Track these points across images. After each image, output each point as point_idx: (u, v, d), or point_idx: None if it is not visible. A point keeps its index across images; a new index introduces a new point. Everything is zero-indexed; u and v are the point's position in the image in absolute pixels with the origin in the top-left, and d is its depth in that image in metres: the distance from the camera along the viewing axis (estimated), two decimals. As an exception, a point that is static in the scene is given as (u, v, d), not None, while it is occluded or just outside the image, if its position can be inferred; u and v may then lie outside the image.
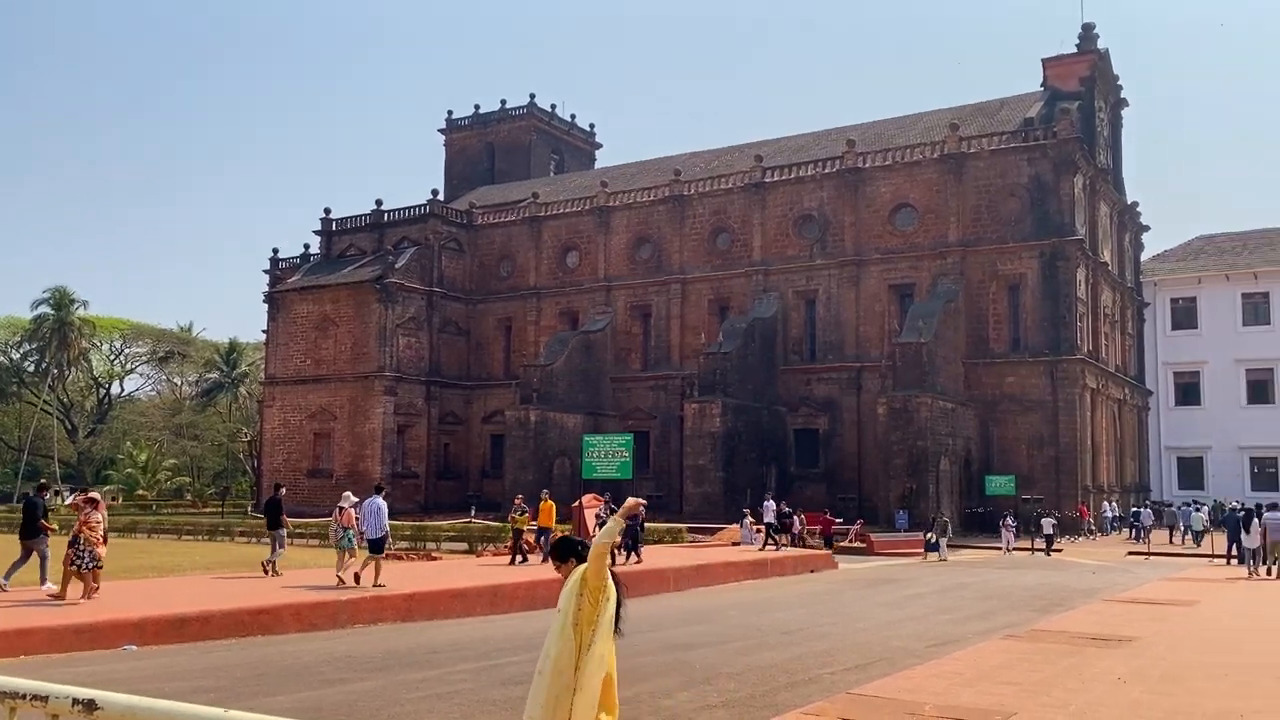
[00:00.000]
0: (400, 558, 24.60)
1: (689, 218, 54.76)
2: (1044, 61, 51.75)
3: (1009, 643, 13.33)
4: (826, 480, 48.28)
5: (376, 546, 18.17)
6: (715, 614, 17.65)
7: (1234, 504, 42.35)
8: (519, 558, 22.60)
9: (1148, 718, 8.81)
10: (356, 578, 17.80)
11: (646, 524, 33.18)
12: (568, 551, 5.65)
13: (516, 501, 22.98)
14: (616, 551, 22.81)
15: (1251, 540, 25.41)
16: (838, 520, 37.64)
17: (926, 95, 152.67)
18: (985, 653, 12.50)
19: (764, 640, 14.43)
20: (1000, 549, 35.07)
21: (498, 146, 76.62)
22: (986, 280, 46.59)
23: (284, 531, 20.36)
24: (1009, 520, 36.01)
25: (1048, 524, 35.40)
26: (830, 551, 30.50)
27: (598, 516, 23.21)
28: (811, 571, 26.62)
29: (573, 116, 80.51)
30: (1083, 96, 49.78)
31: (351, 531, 18.38)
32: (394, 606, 16.38)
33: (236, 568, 22.03)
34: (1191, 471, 57.20)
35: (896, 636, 15.05)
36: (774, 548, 29.08)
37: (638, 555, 22.67)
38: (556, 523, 24.25)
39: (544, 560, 21.28)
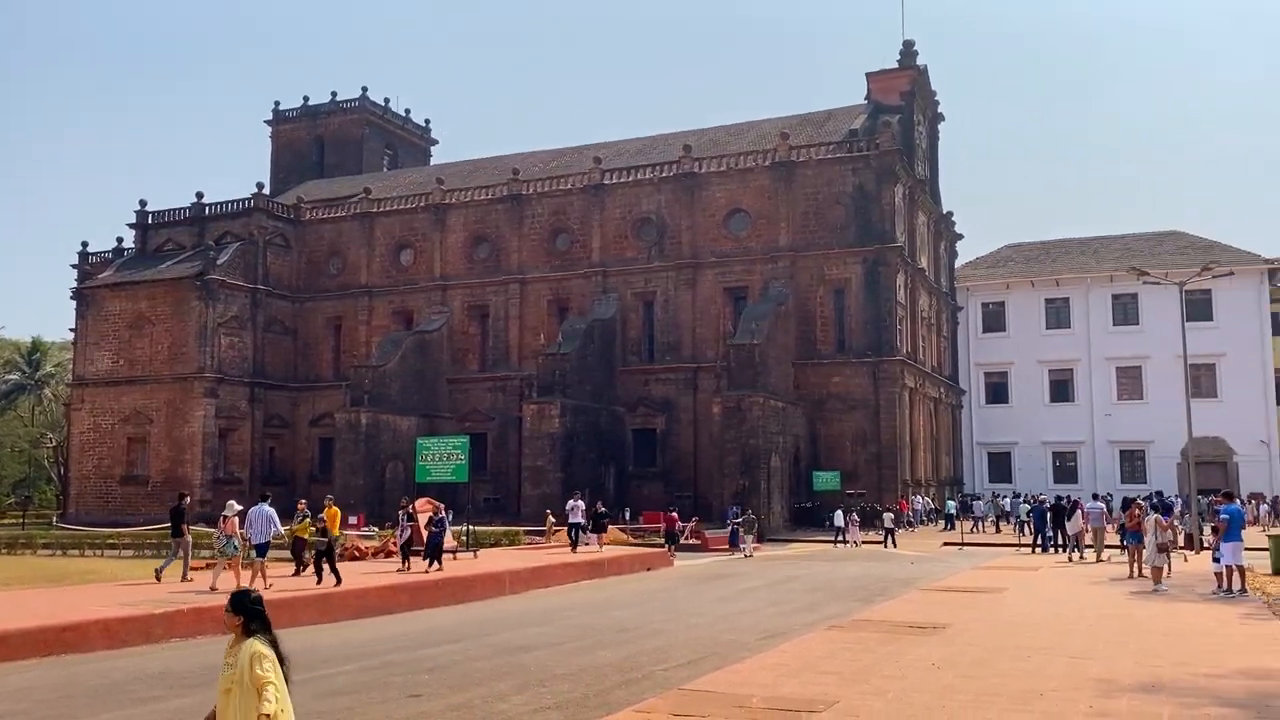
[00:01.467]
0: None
1: (528, 217, 54.52)
2: (868, 75, 54.09)
3: (833, 633, 13.86)
4: (664, 479, 48.99)
5: (261, 550, 18.88)
6: (551, 615, 17.63)
7: (1041, 496, 45.44)
8: (300, 568, 20.77)
9: (958, 701, 9.32)
10: (213, 588, 17.82)
11: (482, 526, 32.98)
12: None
13: (300, 507, 21.34)
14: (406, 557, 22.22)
15: (1074, 527, 28.74)
16: (678, 519, 38.07)
17: (758, 104, 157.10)
18: (810, 644, 12.96)
19: (600, 640, 14.50)
20: (845, 542, 36.37)
21: (328, 140, 74.18)
22: (815, 284, 48.33)
23: (188, 539, 20.46)
24: (853, 515, 37.46)
25: (888, 518, 37.11)
26: (669, 549, 30.88)
27: (431, 521, 22.51)
28: (648, 570, 26.93)
29: (407, 111, 78.82)
30: (903, 110, 52.30)
31: (235, 539, 18.57)
32: (214, 619, 15.60)
33: (36, 583, 20.54)
34: (1000, 465, 60.94)
35: (729, 631, 15.41)
36: (594, 546, 28.78)
37: (438, 563, 21.58)
38: (384, 528, 23.52)
39: (304, 570, 20.44)
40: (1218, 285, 53.60)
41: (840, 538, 36.78)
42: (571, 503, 30.14)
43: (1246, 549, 19.16)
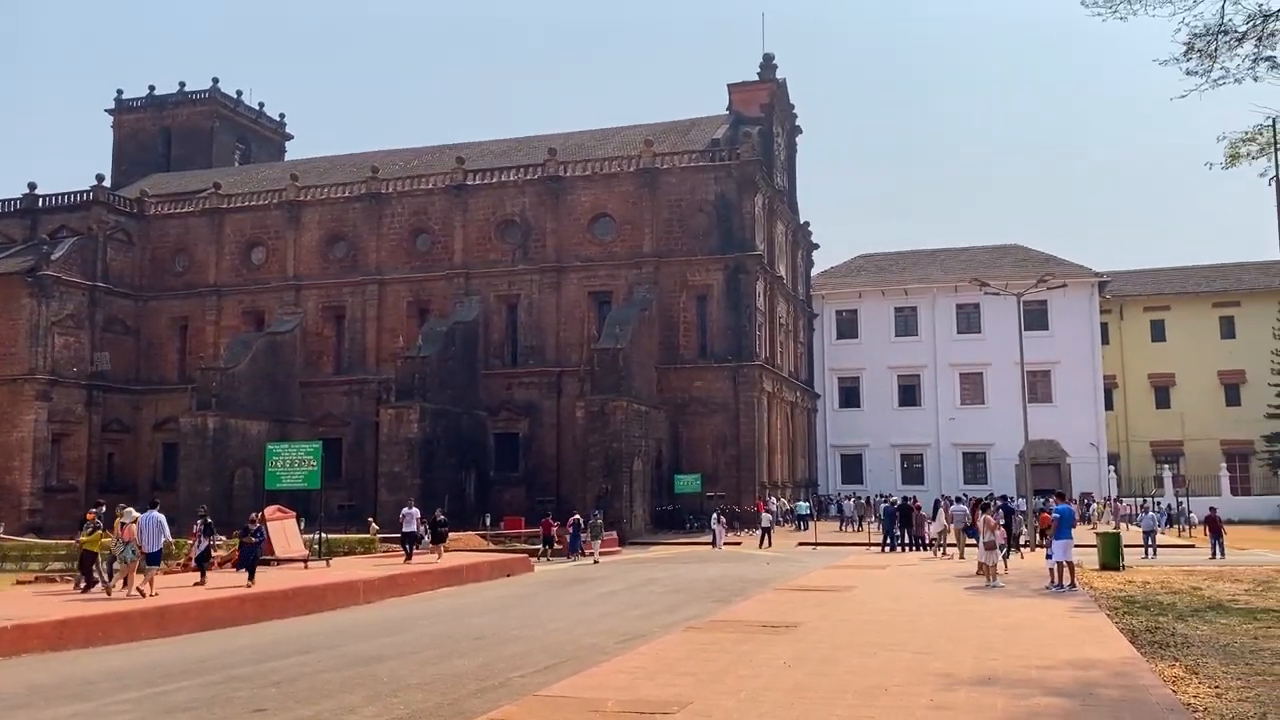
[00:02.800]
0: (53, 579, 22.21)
1: (387, 217, 53.35)
2: (730, 87, 55.15)
3: (690, 634, 14.02)
4: (526, 483, 48.68)
5: (153, 559, 18.78)
6: (407, 624, 17.27)
7: (892, 497, 47.12)
8: (83, 584, 19.29)
9: (807, 698, 9.56)
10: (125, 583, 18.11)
11: (336, 534, 31.97)
12: None
13: (89, 518, 19.73)
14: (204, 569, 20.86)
15: (937, 526, 30.87)
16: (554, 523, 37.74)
17: (623, 111, 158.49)
18: (668, 645, 13.08)
19: (455, 648, 14.29)
20: (717, 545, 36.88)
21: (175, 132, 70.91)
22: (678, 290, 48.93)
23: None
24: (720, 517, 38.05)
25: (766, 518, 38.09)
26: (529, 555, 30.68)
27: (246, 530, 20.96)
28: (508, 576, 26.68)
29: (261, 105, 76.08)
30: (763, 122, 53.53)
31: (132, 545, 18.39)
32: (41, 635, 14.67)
33: None
34: (852, 467, 63.00)
35: (588, 635, 15.41)
36: (432, 556, 26.90)
37: (250, 577, 19.97)
38: (231, 536, 22.38)
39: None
40: (1053, 297, 56.77)
41: (715, 540, 37.28)
42: (405, 511, 28.36)
43: (1076, 546, 20.32)
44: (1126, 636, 13.18)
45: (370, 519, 36.77)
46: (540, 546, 33.05)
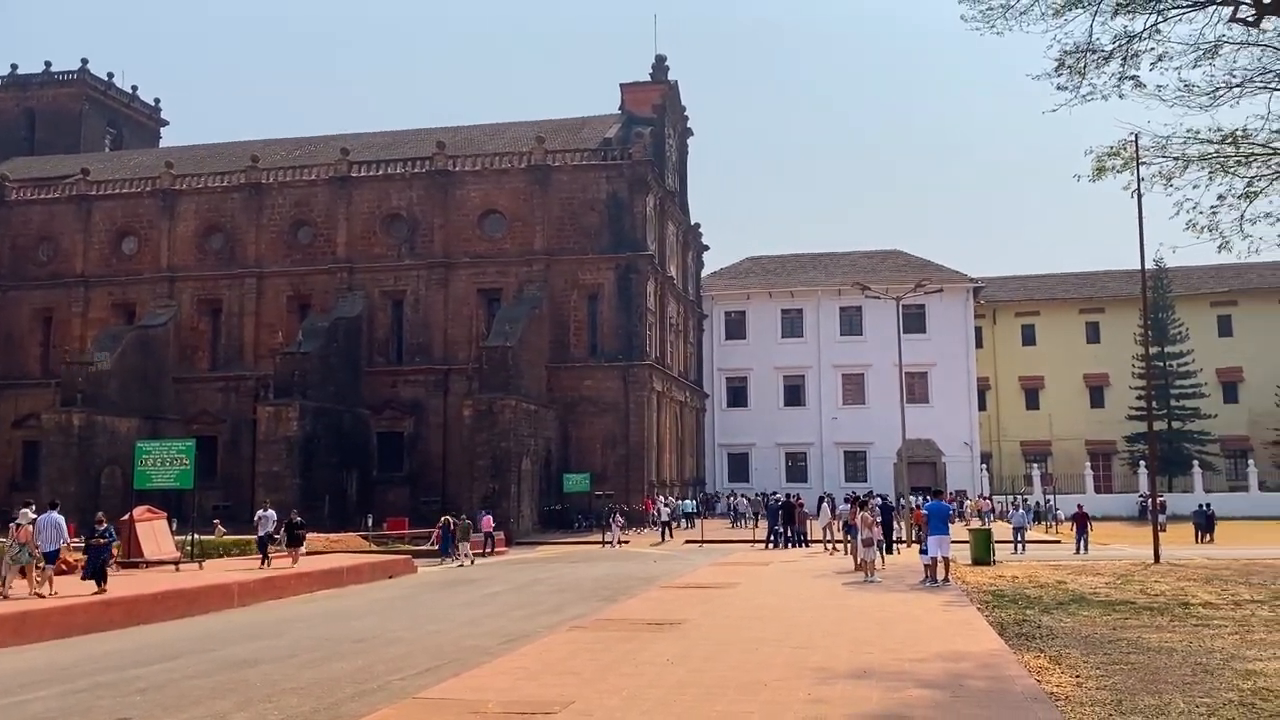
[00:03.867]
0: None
1: (267, 208, 51.73)
2: (622, 86, 55.30)
3: (574, 633, 13.99)
4: (411, 483, 47.87)
5: (51, 558, 18.61)
6: (282, 627, 16.76)
7: (776, 494, 47.95)
8: None
9: (689, 694, 9.63)
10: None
11: (207, 536, 30.80)
12: None
13: None
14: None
15: (822, 520, 32.34)
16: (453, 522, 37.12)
17: (514, 107, 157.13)
18: (552, 645, 13.02)
19: (334, 651, 13.93)
20: (611, 543, 36.96)
21: (40, 114, 67.42)
22: (569, 288, 48.82)
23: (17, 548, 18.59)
24: (617, 516, 38.25)
25: (665, 513, 38.76)
26: (409, 556, 30.13)
27: (95, 533, 19.86)
28: (390, 577, 26.17)
29: (134, 89, 72.91)
30: (655, 123, 53.83)
31: (28, 547, 18.02)
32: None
33: None
34: (739, 466, 63.95)
35: (471, 636, 15.22)
36: (287, 560, 25.52)
37: (101, 584, 18.32)
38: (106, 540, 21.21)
39: None
40: (931, 301, 58.71)
41: (613, 539, 37.34)
42: (260, 513, 26.93)
43: (951, 541, 21.01)
44: (995, 629, 13.67)
45: (216, 521, 34.49)
46: (438, 547, 32.44)
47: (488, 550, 33.35)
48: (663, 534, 37.50)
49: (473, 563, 30.63)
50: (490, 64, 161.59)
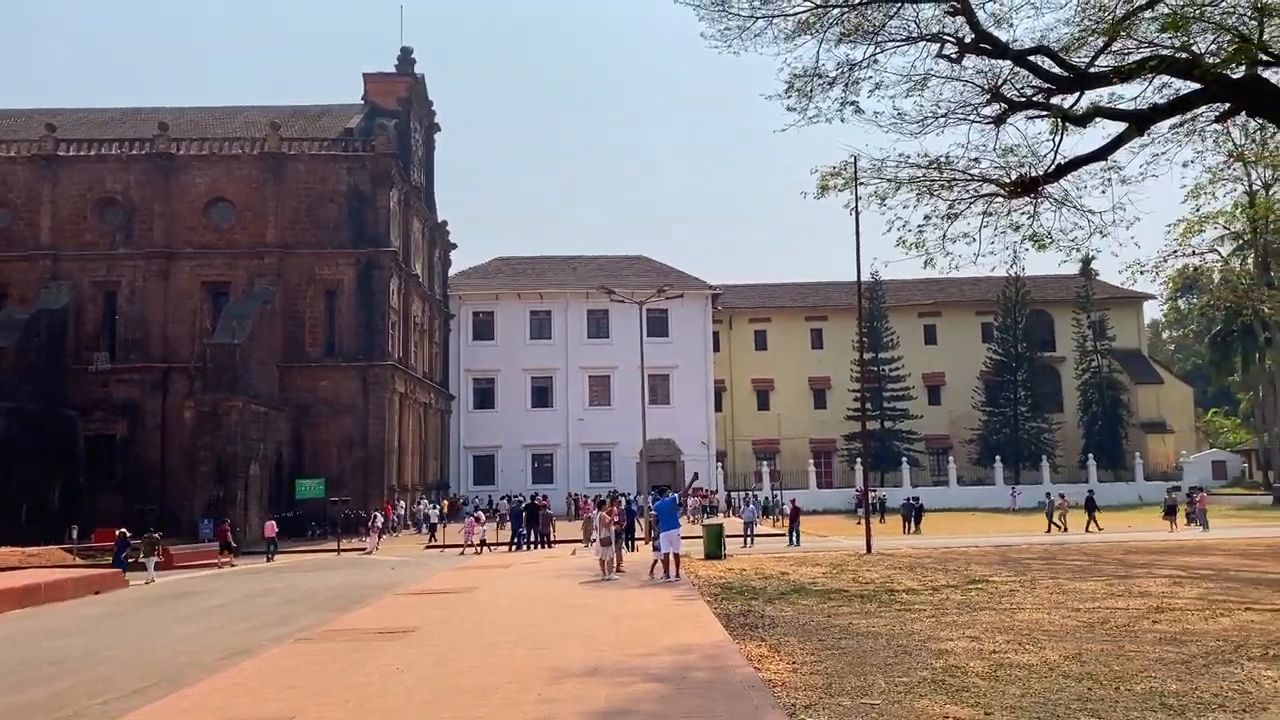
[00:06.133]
0: None
1: (-45, 186, 46.15)
2: (365, 76, 53.61)
3: (300, 645, 13.35)
4: (125, 491, 44.08)
5: None
6: (-39, 655, 14.92)
7: (518, 495, 47.96)
8: None
9: (418, 702, 9.41)
10: None
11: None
12: None
13: None
14: None
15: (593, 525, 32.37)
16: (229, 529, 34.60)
17: (246, 90, 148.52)
18: (275, 658, 12.36)
19: (26, 677, 12.55)
20: (368, 551, 35.77)
21: None
22: (305, 284, 46.66)
23: None
24: (376, 520, 36.80)
25: (433, 514, 37.43)
26: (120, 570, 27.71)
27: None
28: (97, 593, 23.96)
29: None
30: (400, 116, 52.51)
31: None
32: None
33: None
34: (485, 468, 63.49)
35: (188, 652, 14.18)
36: None
37: None
38: None
39: None
40: (673, 306, 60.76)
41: (371, 545, 36.28)
42: None
43: (684, 537, 21.77)
44: (721, 621, 14.25)
45: None
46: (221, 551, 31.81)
47: (221, 562, 31.36)
48: (430, 535, 37.12)
49: (150, 582, 27.35)
50: (221, 44, 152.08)
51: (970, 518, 48.81)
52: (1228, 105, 20.51)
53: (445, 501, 50.53)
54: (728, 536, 28.61)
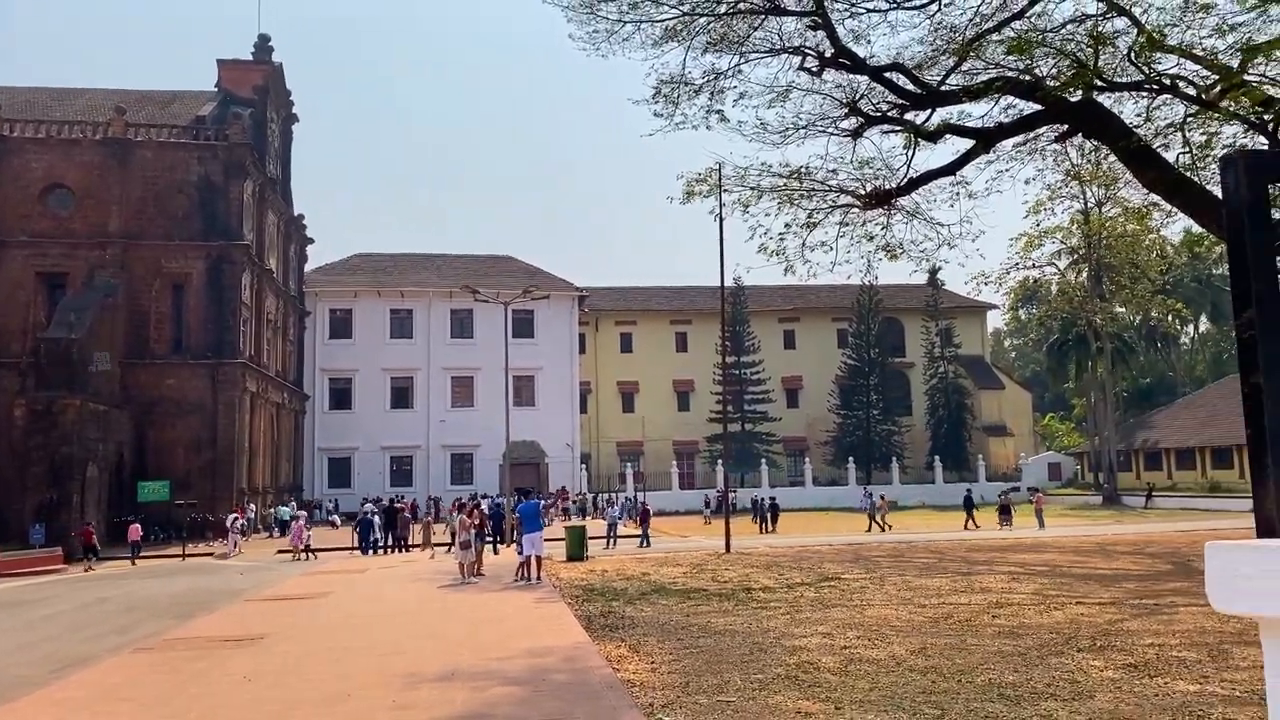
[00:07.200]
0: None
1: None
2: (220, 63, 51.46)
3: (139, 655, 12.70)
4: (-57, 495, 41.00)
5: None
6: None
7: (376, 498, 46.85)
8: None
9: (264, 711, 9.06)
10: None
11: None
12: None
13: None
14: None
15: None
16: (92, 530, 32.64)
17: (89, 72, 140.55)
18: (111, 670, 11.72)
19: None
20: (228, 555, 34.44)
21: None
22: (151, 277, 44.39)
23: None
24: (237, 523, 35.66)
25: (302, 515, 36.42)
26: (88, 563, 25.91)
27: None
28: (-91, 605, 22.21)
29: None
30: (256, 105, 50.56)
31: None
32: None
33: None
34: (341, 470, 61.69)
35: (15, 665, 13.32)
36: None
37: None
38: None
39: None
40: (539, 307, 60.45)
41: (231, 548, 34.92)
42: None
43: (547, 540, 21.70)
44: (582, 623, 14.25)
45: None
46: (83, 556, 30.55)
47: (89, 566, 29.69)
48: (304, 550, 35.58)
49: None
50: (59, 22, 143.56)
51: (824, 517, 50.26)
52: (1066, 126, 21.76)
53: (295, 504, 48.92)
54: (591, 538, 28.65)
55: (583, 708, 8.77)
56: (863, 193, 23.76)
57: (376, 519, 34.97)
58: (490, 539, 27.63)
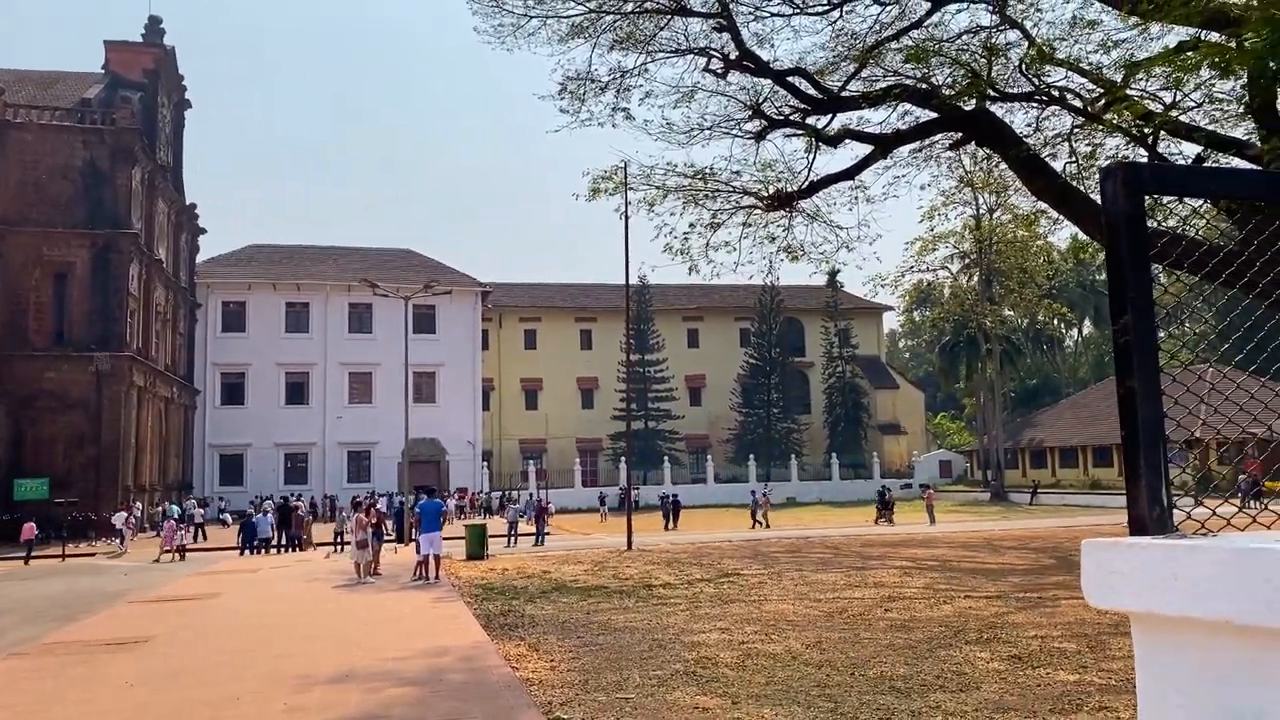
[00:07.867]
0: None
1: None
2: (107, 44, 49.41)
3: (12, 661, 12.11)
4: None
5: None
6: None
7: (269, 496, 45.63)
8: None
9: (151, 715, 8.74)
10: None
11: None
12: None
13: None
14: None
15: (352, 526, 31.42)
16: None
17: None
18: (-20, 679, 11.13)
19: None
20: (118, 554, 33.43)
21: None
22: (30, 266, 42.35)
23: None
24: (130, 519, 34.67)
25: (197, 514, 34.59)
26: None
27: None
28: None
29: None
30: (146, 89, 48.71)
31: None
32: None
33: None
34: (233, 467, 59.85)
35: None
36: None
37: None
38: None
39: None
40: (441, 302, 59.67)
41: (122, 545, 34.08)
42: None
43: (446, 538, 21.43)
44: (481, 622, 14.12)
45: None
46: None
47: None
48: (196, 536, 34.77)
49: None
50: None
51: (725, 514, 50.83)
52: (960, 134, 22.43)
53: (191, 501, 47.35)
54: (492, 536, 28.42)
55: (480, 708, 8.69)
56: (765, 195, 24.10)
57: (269, 518, 34.03)
58: (390, 538, 27.21)
